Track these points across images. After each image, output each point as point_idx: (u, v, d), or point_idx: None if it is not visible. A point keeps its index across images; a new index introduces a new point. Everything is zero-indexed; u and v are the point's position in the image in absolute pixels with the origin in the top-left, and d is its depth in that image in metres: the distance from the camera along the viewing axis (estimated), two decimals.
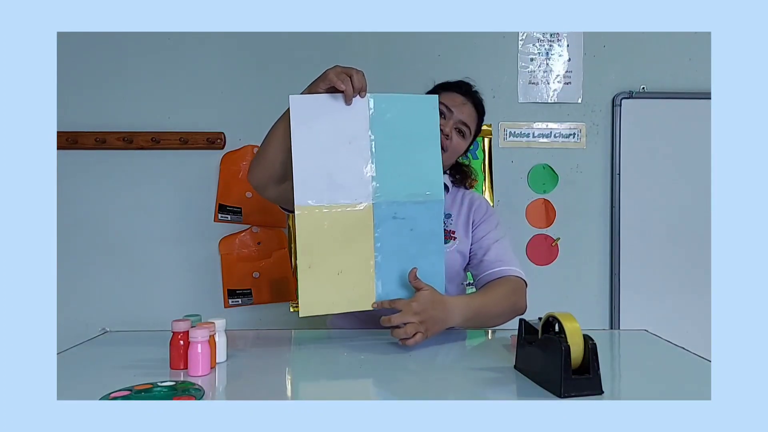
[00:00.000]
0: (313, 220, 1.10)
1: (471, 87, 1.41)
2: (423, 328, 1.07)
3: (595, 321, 2.02)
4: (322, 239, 1.10)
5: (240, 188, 1.96)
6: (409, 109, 1.17)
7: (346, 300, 1.12)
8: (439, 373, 1.00)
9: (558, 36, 2.02)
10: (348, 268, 1.12)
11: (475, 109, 1.37)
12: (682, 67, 2.01)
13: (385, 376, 0.98)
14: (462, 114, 1.33)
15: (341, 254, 1.11)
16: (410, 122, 1.16)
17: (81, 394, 0.83)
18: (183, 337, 0.96)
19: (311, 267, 1.10)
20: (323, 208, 1.10)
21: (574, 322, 0.84)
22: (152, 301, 1.99)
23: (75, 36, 1.96)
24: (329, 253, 1.11)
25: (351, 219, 1.12)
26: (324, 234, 1.10)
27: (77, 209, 1.98)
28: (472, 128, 1.36)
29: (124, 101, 1.98)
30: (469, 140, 1.38)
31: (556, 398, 0.81)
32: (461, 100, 1.35)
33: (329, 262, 1.11)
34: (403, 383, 0.95)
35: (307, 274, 1.10)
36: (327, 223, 1.11)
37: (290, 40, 1.98)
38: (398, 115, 1.15)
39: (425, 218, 1.16)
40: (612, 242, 2.01)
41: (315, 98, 1.12)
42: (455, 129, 1.33)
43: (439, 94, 1.33)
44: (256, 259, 1.98)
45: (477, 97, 1.40)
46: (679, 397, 0.83)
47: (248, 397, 0.86)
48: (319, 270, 1.10)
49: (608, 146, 2.02)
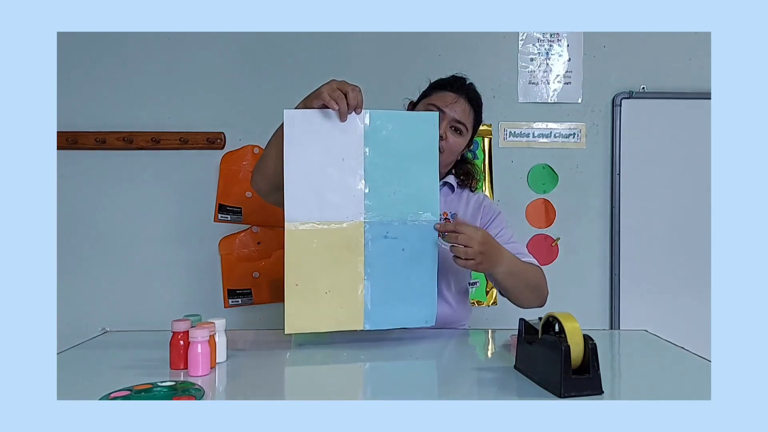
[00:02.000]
0: (301, 237, 1.09)
1: (464, 82, 1.39)
2: (480, 258, 1.10)
3: (595, 321, 2.02)
4: (311, 257, 1.10)
5: (240, 188, 1.96)
6: (407, 127, 1.15)
7: (333, 319, 1.11)
8: (440, 373, 1.00)
9: (558, 36, 2.02)
10: (336, 287, 1.11)
11: (469, 103, 1.35)
12: (682, 67, 2.01)
13: (385, 376, 0.98)
14: (455, 112, 1.32)
15: (330, 273, 1.11)
16: (407, 140, 1.14)
17: (81, 394, 0.83)
18: (183, 337, 0.96)
19: (298, 285, 1.09)
20: (313, 226, 1.10)
21: (574, 322, 0.84)
22: (152, 301, 1.98)
23: (75, 36, 1.96)
24: (317, 272, 1.10)
25: (341, 237, 1.11)
26: (312, 252, 1.10)
27: (77, 209, 1.98)
28: (468, 124, 1.35)
29: (124, 101, 1.98)
30: (467, 137, 1.36)
31: (556, 398, 0.81)
32: (452, 97, 1.33)
33: (317, 281, 1.10)
34: (404, 383, 0.95)
35: (294, 291, 1.09)
36: (316, 241, 1.10)
37: (290, 40, 1.97)
38: (395, 133, 1.14)
39: (418, 238, 1.14)
40: (612, 242, 2.01)
41: (309, 113, 1.12)
42: (450, 128, 1.32)
43: (431, 96, 1.34)
44: (256, 259, 1.98)
45: (471, 92, 1.38)
46: (679, 397, 0.83)
47: (248, 397, 0.86)
48: (306, 288, 1.09)
49: (608, 146, 2.02)
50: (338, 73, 1.96)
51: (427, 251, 1.14)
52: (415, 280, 1.13)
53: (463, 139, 1.35)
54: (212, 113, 1.98)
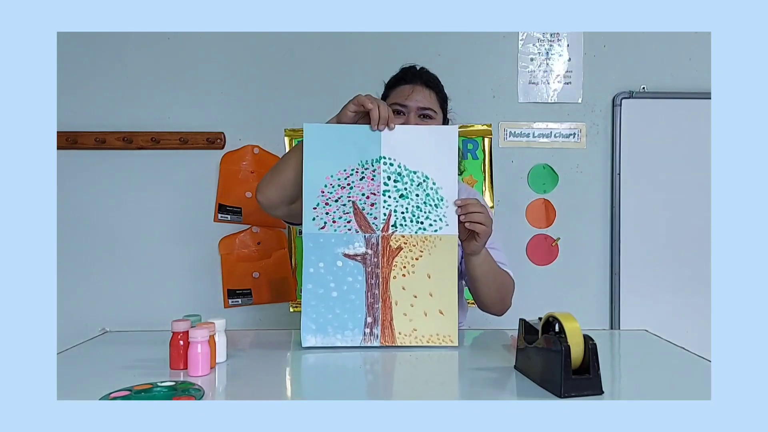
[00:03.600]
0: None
1: (415, 69, 1.39)
2: (486, 229, 1.15)
3: (595, 321, 2.02)
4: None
5: (240, 188, 1.96)
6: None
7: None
8: (440, 373, 1.00)
9: (558, 36, 2.02)
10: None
11: (427, 87, 1.35)
12: (682, 67, 2.01)
13: (385, 376, 0.98)
14: (417, 101, 1.31)
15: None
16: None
17: (81, 394, 0.83)
18: (183, 337, 0.96)
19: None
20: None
21: (574, 322, 0.84)
22: (152, 301, 1.98)
23: (75, 36, 1.96)
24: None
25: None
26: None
27: (77, 209, 1.98)
28: (434, 107, 1.34)
29: (124, 101, 1.98)
30: (439, 118, 1.36)
31: (556, 398, 0.81)
32: (408, 89, 1.33)
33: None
34: (403, 383, 0.95)
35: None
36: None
37: (290, 40, 1.97)
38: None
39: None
40: (612, 242, 2.01)
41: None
42: (419, 116, 1.31)
43: (389, 96, 1.35)
44: (256, 259, 1.98)
45: (425, 76, 1.37)
46: (679, 397, 0.83)
47: (248, 397, 0.86)
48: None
49: (608, 146, 2.02)
50: (338, 73, 1.97)
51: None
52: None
53: (437, 123, 1.35)
54: (212, 113, 1.98)
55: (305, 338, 1.10)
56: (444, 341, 1.11)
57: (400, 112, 1.31)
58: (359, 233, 1.13)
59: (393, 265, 1.13)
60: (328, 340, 1.10)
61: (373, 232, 1.13)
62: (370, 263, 1.13)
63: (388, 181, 1.14)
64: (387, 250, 1.13)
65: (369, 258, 1.13)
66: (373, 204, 1.13)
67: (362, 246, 1.13)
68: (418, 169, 1.15)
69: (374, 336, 1.11)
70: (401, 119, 1.31)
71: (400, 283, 1.12)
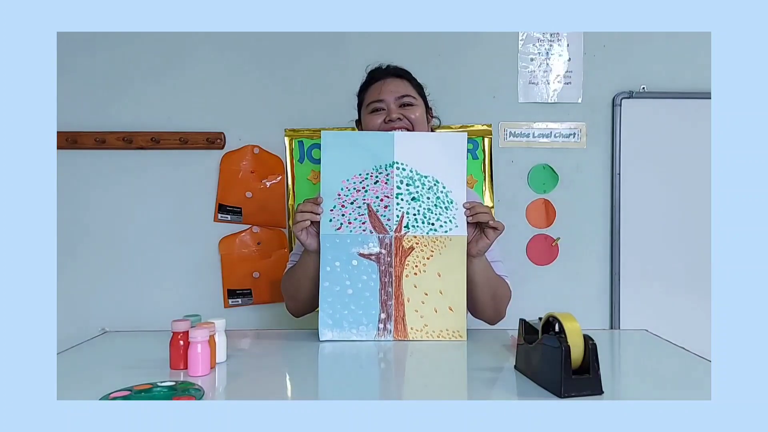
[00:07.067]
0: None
1: (381, 67, 1.41)
2: (498, 223, 1.18)
3: (595, 321, 2.02)
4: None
5: (240, 188, 1.96)
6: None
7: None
8: (439, 373, 1.00)
9: (558, 36, 2.02)
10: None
11: (398, 78, 1.36)
12: (682, 67, 2.01)
13: (385, 376, 0.98)
14: (391, 92, 1.32)
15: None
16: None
17: (81, 394, 0.83)
18: (183, 337, 0.96)
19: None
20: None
21: (574, 322, 0.84)
22: (152, 301, 1.98)
23: (75, 36, 1.96)
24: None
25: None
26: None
27: (77, 209, 1.98)
28: (411, 93, 1.35)
29: (124, 101, 1.98)
30: (421, 104, 1.36)
31: (556, 398, 0.81)
32: (379, 85, 1.34)
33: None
34: (403, 383, 0.95)
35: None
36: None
37: (290, 40, 1.97)
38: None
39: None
40: (612, 242, 2.01)
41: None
42: (400, 107, 1.32)
43: (363, 101, 1.37)
44: (256, 259, 1.98)
45: (391, 69, 1.40)
46: (679, 397, 0.83)
47: (248, 397, 0.86)
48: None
49: (608, 146, 2.02)
50: (338, 73, 1.97)
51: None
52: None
53: (420, 109, 1.35)
54: (212, 113, 1.98)
55: (322, 332, 1.16)
56: (453, 336, 1.17)
57: (380, 109, 1.31)
58: (373, 234, 1.17)
59: (405, 264, 1.17)
60: (344, 335, 1.16)
61: (387, 232, 1.17)
62: (384, 262, 1.17)
63: (401, 185, 1.18)
64: (400, 249, 1.17)
65: (383, 257, 1.17)
66: (386, 206, 1.18)
67: (376, 246, 1.17)
68: (429, 174, 1.19)
69: (388, 331, 1.16)
70: (382, 116, 1.31)
71: (412, 281, 1.17)
